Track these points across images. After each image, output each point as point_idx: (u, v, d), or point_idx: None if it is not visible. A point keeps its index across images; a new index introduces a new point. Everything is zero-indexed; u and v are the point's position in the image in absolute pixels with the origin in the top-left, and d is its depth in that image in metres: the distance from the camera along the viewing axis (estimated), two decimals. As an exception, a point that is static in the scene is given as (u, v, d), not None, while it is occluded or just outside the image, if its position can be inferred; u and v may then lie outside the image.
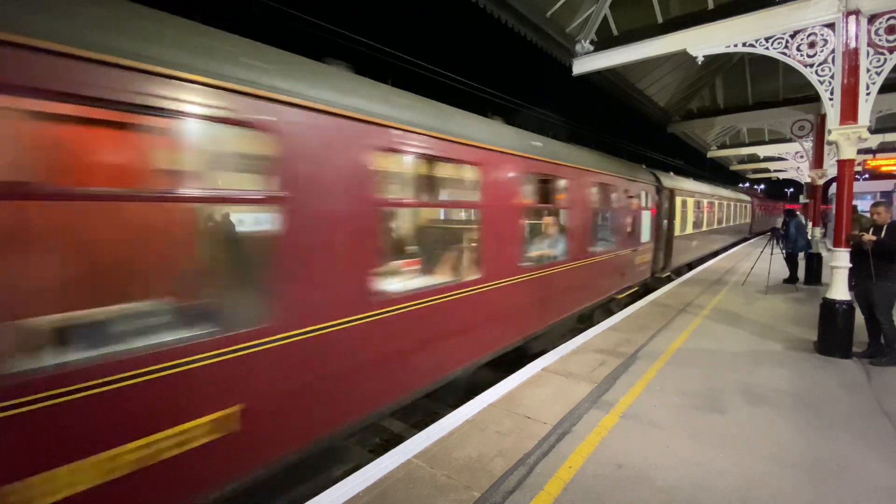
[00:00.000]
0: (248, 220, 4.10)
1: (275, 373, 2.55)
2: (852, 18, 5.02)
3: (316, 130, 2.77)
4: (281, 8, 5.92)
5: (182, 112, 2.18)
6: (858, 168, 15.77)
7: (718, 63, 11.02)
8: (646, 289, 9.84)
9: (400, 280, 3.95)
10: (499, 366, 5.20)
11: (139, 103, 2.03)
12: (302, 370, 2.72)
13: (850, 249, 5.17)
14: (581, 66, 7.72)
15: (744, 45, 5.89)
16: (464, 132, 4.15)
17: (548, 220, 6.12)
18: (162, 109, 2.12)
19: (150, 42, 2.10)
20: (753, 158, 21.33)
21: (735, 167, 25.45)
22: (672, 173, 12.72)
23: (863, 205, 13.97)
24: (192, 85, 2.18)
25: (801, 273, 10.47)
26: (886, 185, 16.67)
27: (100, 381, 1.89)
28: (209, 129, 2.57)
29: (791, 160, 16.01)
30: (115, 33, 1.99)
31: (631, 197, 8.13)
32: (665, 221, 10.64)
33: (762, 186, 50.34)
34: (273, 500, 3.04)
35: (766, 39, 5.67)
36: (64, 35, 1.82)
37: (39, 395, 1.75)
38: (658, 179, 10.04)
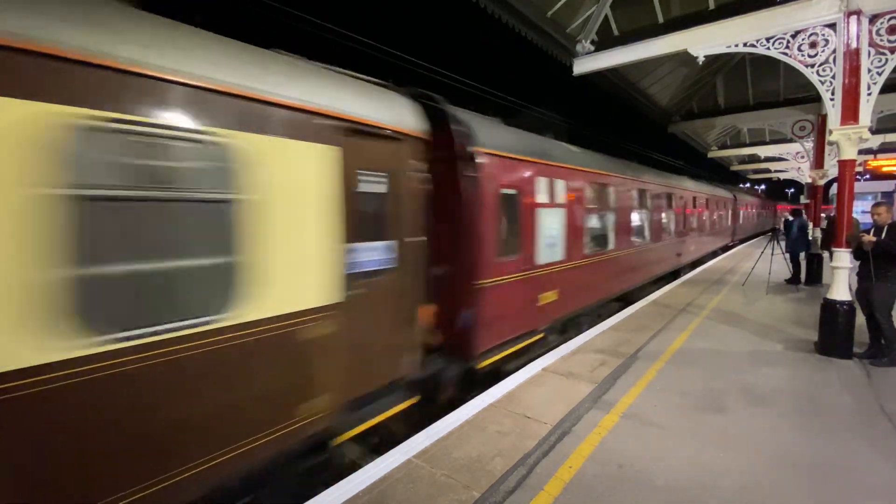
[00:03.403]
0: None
1: None
2: (853, 19, 5.01)
3: None
4: (281, 7, 5.91)
5: None
6: (859, 168, 15.75)
7: (719, 63, 11.01)
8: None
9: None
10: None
11: None
12: None
13: (850, 250, 5.16)
14: (582, 66, 7.71)
15: (745, 45, 5.88)
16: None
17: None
18: None
19: None
20: (754, 159, 21.31)
21: (736, 167, 25.46)
22: None
23: (863, 205, 13.96)
24: None
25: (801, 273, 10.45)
26: (887, 185, 16.66)
27: None
28: None
29: (792, 160, 16.03)
30: None
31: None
32: None
33: (762, 186, 50.23)
34: (274, 500, 3.04)
35: (767, 39, 5.66)
36: None
37: None
38: None
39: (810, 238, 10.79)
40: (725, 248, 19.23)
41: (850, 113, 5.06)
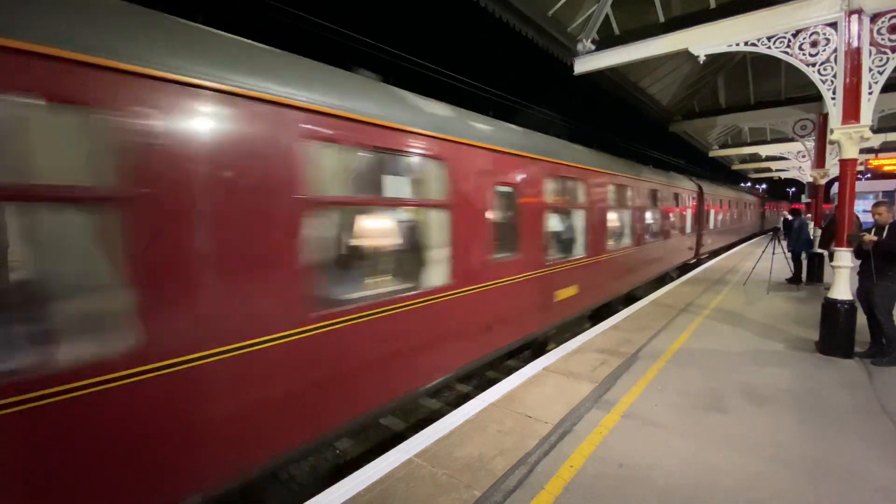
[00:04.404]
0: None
1: None
2: (854, 17, 5.00)
3: None
4: (280, 7, 5.91)
5: None
6: (860, 168, 15.74)
7: (720, 62, 11.00)
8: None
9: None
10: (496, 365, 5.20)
11: None
12: None
13: (851, 249, 5.16)
14: (582, 66, 7.70)
15: (745, 44, 5.87)
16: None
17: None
18: None
19: None
20: (755, 158, 21.27)
21: (737, 167, 25.40)
22: None
23: (864, 204, 13.96)
24: None
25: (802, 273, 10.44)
26: (888, 184, 16.66)
27: None
28: None
29: (793, 160, 15.98)
30: None
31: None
32: None
33: (764, 186, 50.14)
34: (274, 500, 3.05)
35: (768, 39, 5.65)
36: None
37: None
38: None
39: (811, 237, 10.79)
40: (684, 269, 13.09)
41: (852, 112, 5.05)
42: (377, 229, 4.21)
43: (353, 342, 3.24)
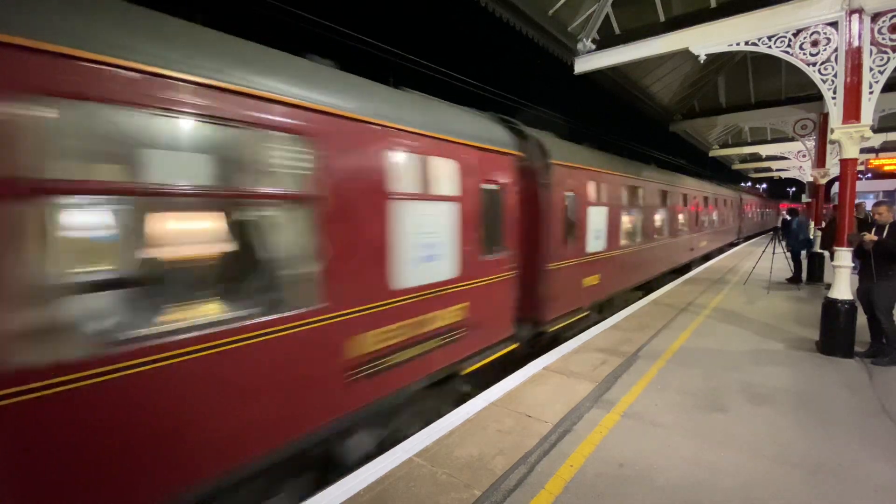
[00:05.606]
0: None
1: None
2: (855, 17, 5.00)
3: None
4: (280, 6, 5.90)
5: None
6: (861, 167, 15.73)
7: (721, 61, 10.99)
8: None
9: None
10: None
11: None
12: None
13: (851, 249, 5.17)
14: (583, 65, 7.70)
15: (746, 43, 5.87)
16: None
17: None
18: None
19: None
20: (756, 157, 21.26)
21: (737, 166, 25.41)
22: None
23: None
24: None
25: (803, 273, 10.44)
26: (889, 184, 16.67)
27: None
28: None
29: (793, 159, 15.98)
30: None
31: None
32: None
33: (764, 185, 50.13)
34: (274, 498, 3.05)
35: (769, 38, 5.65)
36: None
37: None
38: None
39: (811, 237, 10.79)
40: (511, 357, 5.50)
41: (852, 111, 5.05)
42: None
43: None
